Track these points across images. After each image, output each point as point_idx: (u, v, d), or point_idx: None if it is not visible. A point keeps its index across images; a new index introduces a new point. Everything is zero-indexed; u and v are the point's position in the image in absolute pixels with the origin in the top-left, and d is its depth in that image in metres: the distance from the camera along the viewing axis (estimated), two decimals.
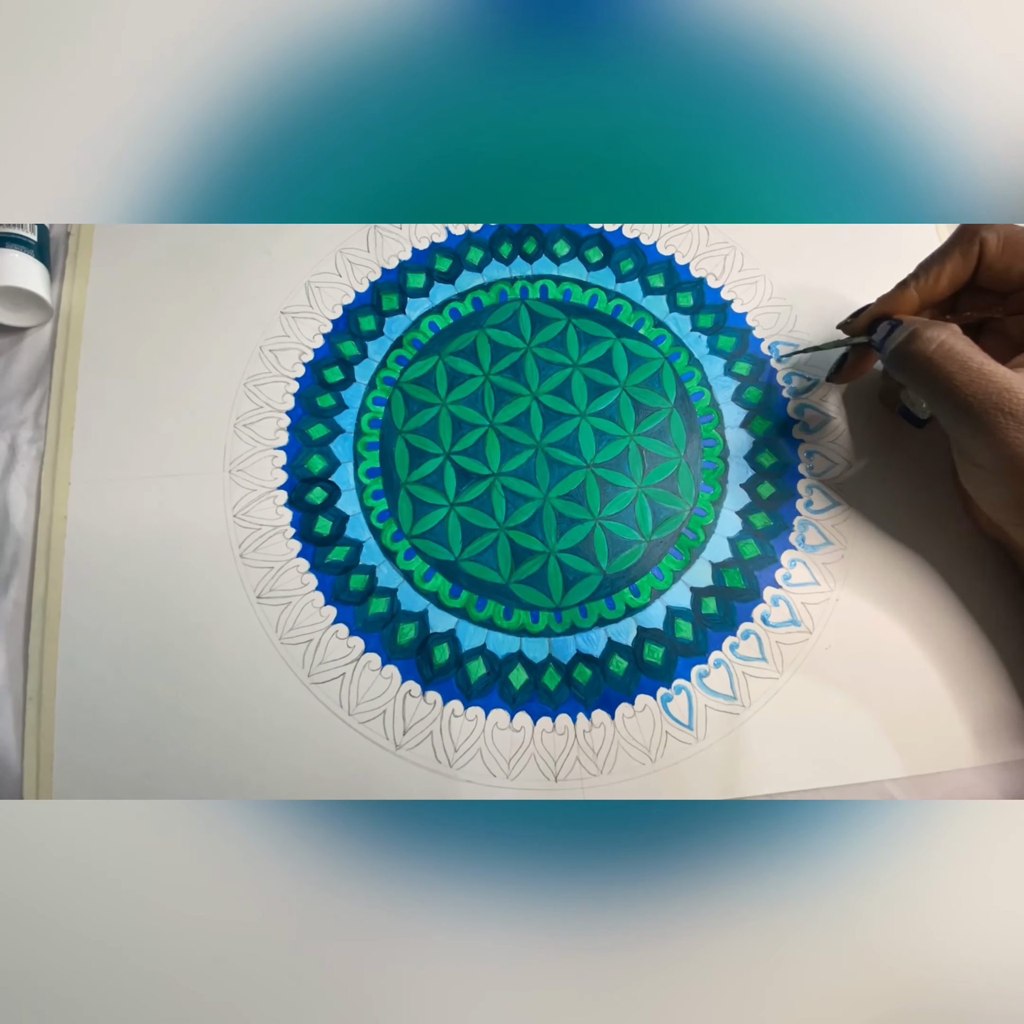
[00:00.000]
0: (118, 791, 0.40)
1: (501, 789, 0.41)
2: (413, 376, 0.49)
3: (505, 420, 0.48)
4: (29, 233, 0.48)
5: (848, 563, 0.45)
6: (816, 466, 0.47)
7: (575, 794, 0.40)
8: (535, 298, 0.51)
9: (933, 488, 0.46)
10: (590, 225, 0.53)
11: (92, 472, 0.46)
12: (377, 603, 0.44)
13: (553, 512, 0.46)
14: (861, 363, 0.44)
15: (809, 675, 0.43)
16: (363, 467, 0.47)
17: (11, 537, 0.44)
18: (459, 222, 0.53)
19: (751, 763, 0.41)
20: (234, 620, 0.43)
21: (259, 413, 0.48)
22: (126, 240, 0.51)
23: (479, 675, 0.43)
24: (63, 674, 0.42)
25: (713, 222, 0.52)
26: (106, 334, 0.49)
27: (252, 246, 0.52)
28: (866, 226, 0.52)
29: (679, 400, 0.49)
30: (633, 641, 0.43)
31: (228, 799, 0.39)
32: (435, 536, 0.45)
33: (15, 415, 0.47)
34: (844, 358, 0.45)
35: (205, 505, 0.45)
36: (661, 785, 0.41)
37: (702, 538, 0.46)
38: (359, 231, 0.53)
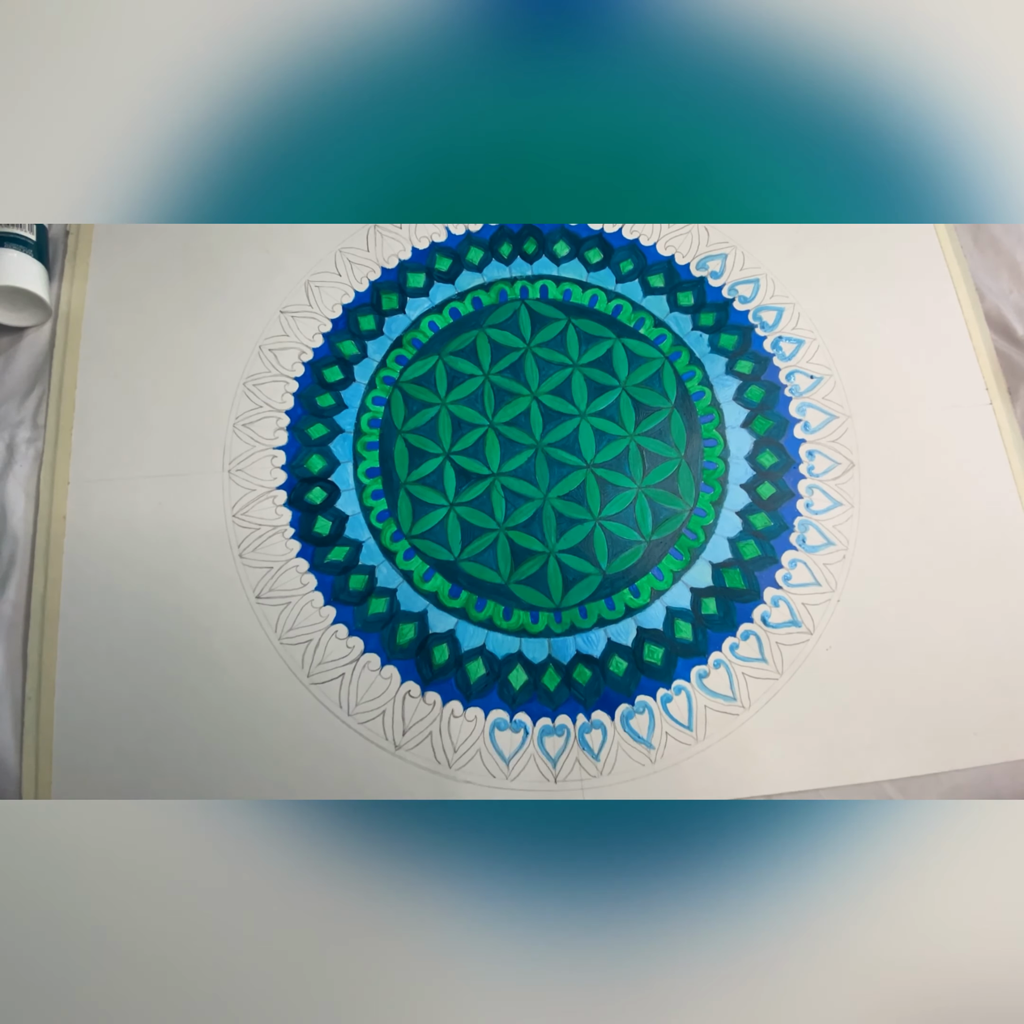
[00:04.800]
0: (117, 791, 0.40)
1: (501, 789, 0.41)
2: (413, 376, 0.49)
3: (505, 420, 0.48)
4: (28, 233, 0.48)
5: (849, 564, 0.45)
6: (817, 466, 0.47)
7: (575, 794, 0.40)
8: (535, 298, 0.51)
9: (934, 489, 0.46)
10: (590, 226, 0.53)
11: (91, 472, 0.46)
12: (377, 603, 0.44)
13: (553, 512, 0.46)
14: None
15: (809, 676, 0.43)
16: (363, 467, 0.47)
17: (9, 537, 0.44)
18: (459, 222, 0.53)
19: (750, 764, 0.41)
20: (233, 620, 0.43)
21: (258, 413, 0.48)
22: (125, 240, 0.51)
23: (479, 675, 0.43)
24: (62, 674, 0.42)
25: (713, 222, 0.52)
26: (105, 334, 0.49)
27: (252, 246, 0.52)
28: (866, 226, 0.52)
29: (680, 400, 0.49)
30: (633, 642, 0.43)
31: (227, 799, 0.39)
32: (435, 536, 0.45)
33: (13, 415, 0.47)
34: None
35: (204, 505, 0.45)
36: (661, 785, 0.41)
37: (702, 538, 0.46)
38: (359, 231, 0.53)
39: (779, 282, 0.51)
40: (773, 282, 0.51)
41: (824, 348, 0.49)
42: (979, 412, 0.48)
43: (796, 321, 0.50)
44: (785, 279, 0.51)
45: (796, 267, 0.51)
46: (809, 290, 0.51)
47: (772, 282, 0.51)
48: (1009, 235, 0.53)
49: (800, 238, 0.52)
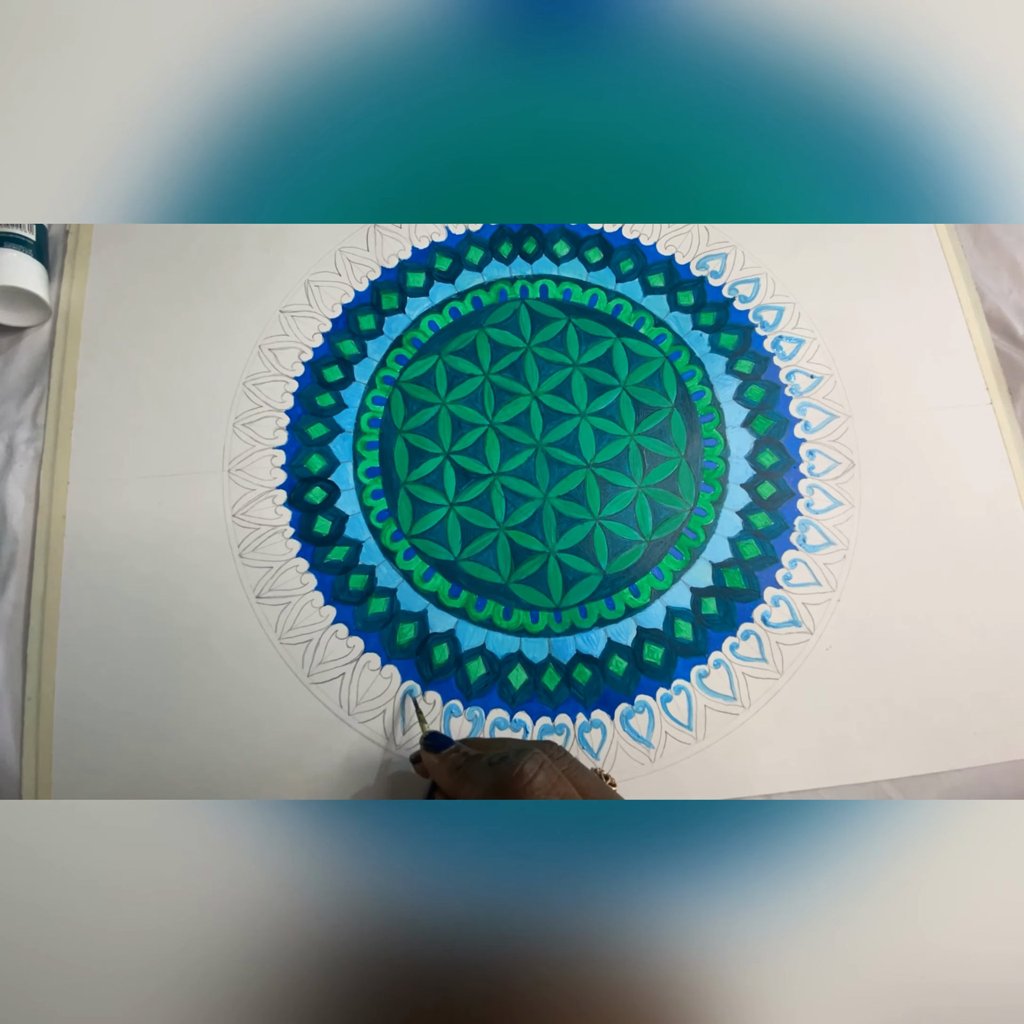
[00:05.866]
0: (117, 791, 0.40)
1: None
2: (413, 375, 0.49)
3: (505, 420, 0.48)
4: (27, 232, 0.48)
5: (850, 563, 0.45)
6: (818, 466, 0.47)
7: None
8: (535, 298, 0.51)
9: (934, 489, 0.46)
10: (590, 226, 0.53)
11: (90, 472, 0.46)
12: (377, 603, 0.44)
13: (553, 512, 0.46)
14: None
15: (809, 676, 0.43)
16: (362, 467, 0.47)
17: (8, 538, 0.44)
18: (459, 222, 0.53)
19: (750, 763, 0.41)
20: (233, 620, 0.43)
21: (258, 412, 0.48)
22: (125, 240, 0.51)
23: (479, 675, 0.43)
24: (62, 674, 0.42)
25: (713, 222, 0.52)
26: (105, 334, 0.49)
27: (251, 245, 0.52)
28: (867, 226, 0.52)
29: (680, 399, 0.49)
30: (633, 641, 0.43)
31: (227, 799, 0.39)
32: (435, 536, 0.45)
33: (13, 415, 0.47)
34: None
35: (204, 505, 0.45)
36: (660, 785, 0.41)
37: (702, 538, 0.46)
38: (359, 230, 0.52)
39: (779, 282, 0.51)
40: (773, 282, 0.51)
41: (824, 348, 0.49)
42: (979, 412, 0.48)
43: (796, 321, 0.50)
44: (785, 279, 0.51)
45: (796, 267, 0.51)
46: (809, 290, 0.51)
47: (772, 282, 0.51)
48: (1009, 235, 0.53)
49: (800, 238, 0.52)
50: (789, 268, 0.51)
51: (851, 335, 0.50)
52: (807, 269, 0.51)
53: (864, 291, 0.51)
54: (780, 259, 0.52)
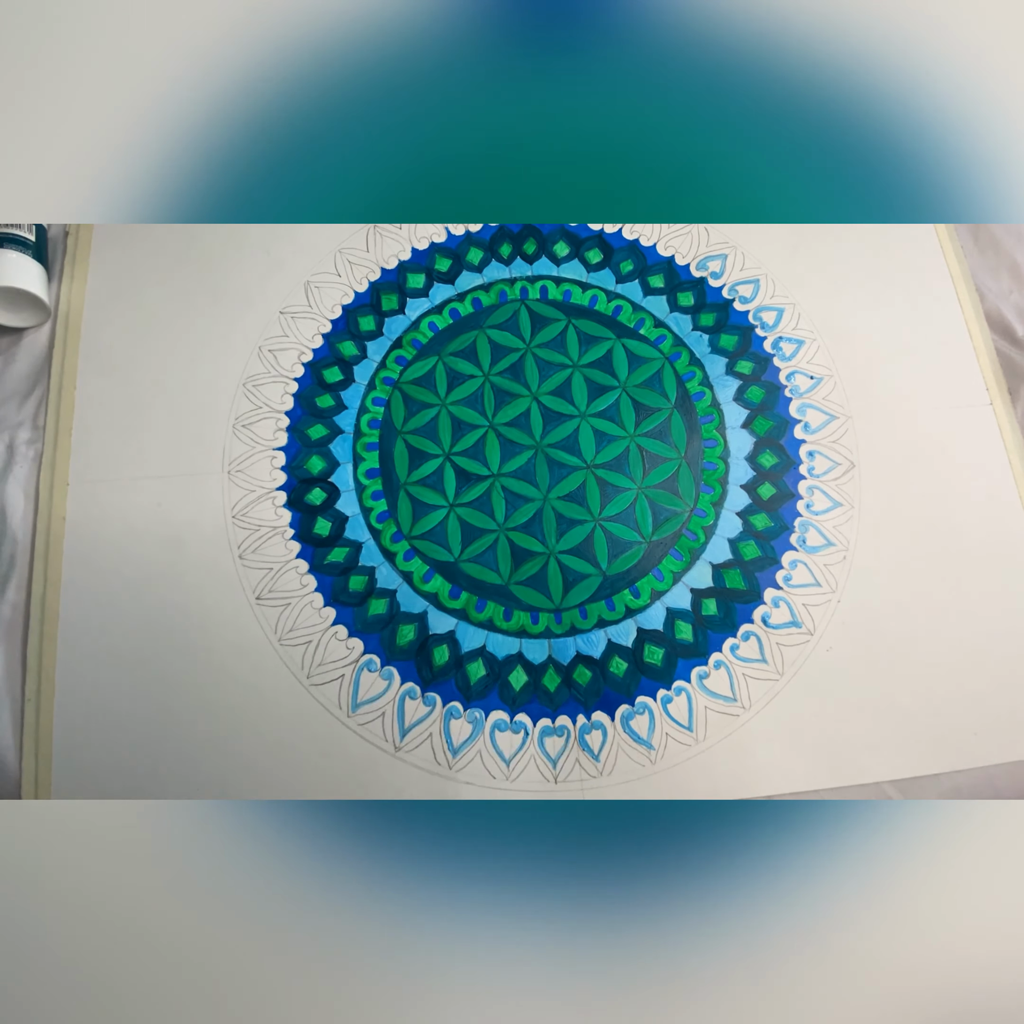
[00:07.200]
0: (116, 791, 0.40)
1: (501, 790, 0.41)
2: (413, 376, 0.49)
3: (505, 421, 0.48)
4: (27, 233, 0.48)
5: (850, 564, 0.45)
6: (817, 467, 0.47)
7: (575, 795, 0.40)
8: (535, 299, 0.51)
9: (934, 489, 0.46)
10: (590, 226, 0.53)
11: (90, 473, 0.46)
12: (376, 604, 0.44)
13: (553, 513, 0.46)
14: None
15: (810, 677, 0.43)
16: (362, 468, 0.47)
17: (8, 538, 0.44)
18: (459, 222, 0.53)
19: (751, 764, 0.41)
20: (233, 621, 0.43)
21: (258, 414, 0.48)
22: (125, 240, 0.51)
23: (479, 676, 0.43)
24: (61, 675, 0.42)
25: (713, 222, 0.52)
26: (104, 334, 0.49)
27: (252, 246, 0.52)
28: (866, 226, 0.52)
29: (680, 400, 0.49)
30: (633, 642, 0.43)
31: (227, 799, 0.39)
32: (435, 537, 0.45)
33: (13, 416, 0.47)
34: None
35: (204, 506, 0.45)
36: (661, 786, 0.41)
37: (702, 539, 0.46)
38: (359, 231, 0.53)
39: (779, 282, 0.51)
40: (773, 282, 0.51)
41: (824, 348, 0.49)
42: (979, 412, 0.48)
43: (796, 321, 0.50)
44: (785, 279, 0.51)
45: (796, 267, 0.51)
46: (809, 290, 0.51)
47: (772, 282, 0.51)
48: (1009, 235, 0.53)
49: (800, 238, 0.52)
50: (789, 269, 0.51)
51: (851, 336, 0.50)
52: (807, 270, 0.51)
53: (864, 292, 0.51)
54: (780, 260, 0.52)
